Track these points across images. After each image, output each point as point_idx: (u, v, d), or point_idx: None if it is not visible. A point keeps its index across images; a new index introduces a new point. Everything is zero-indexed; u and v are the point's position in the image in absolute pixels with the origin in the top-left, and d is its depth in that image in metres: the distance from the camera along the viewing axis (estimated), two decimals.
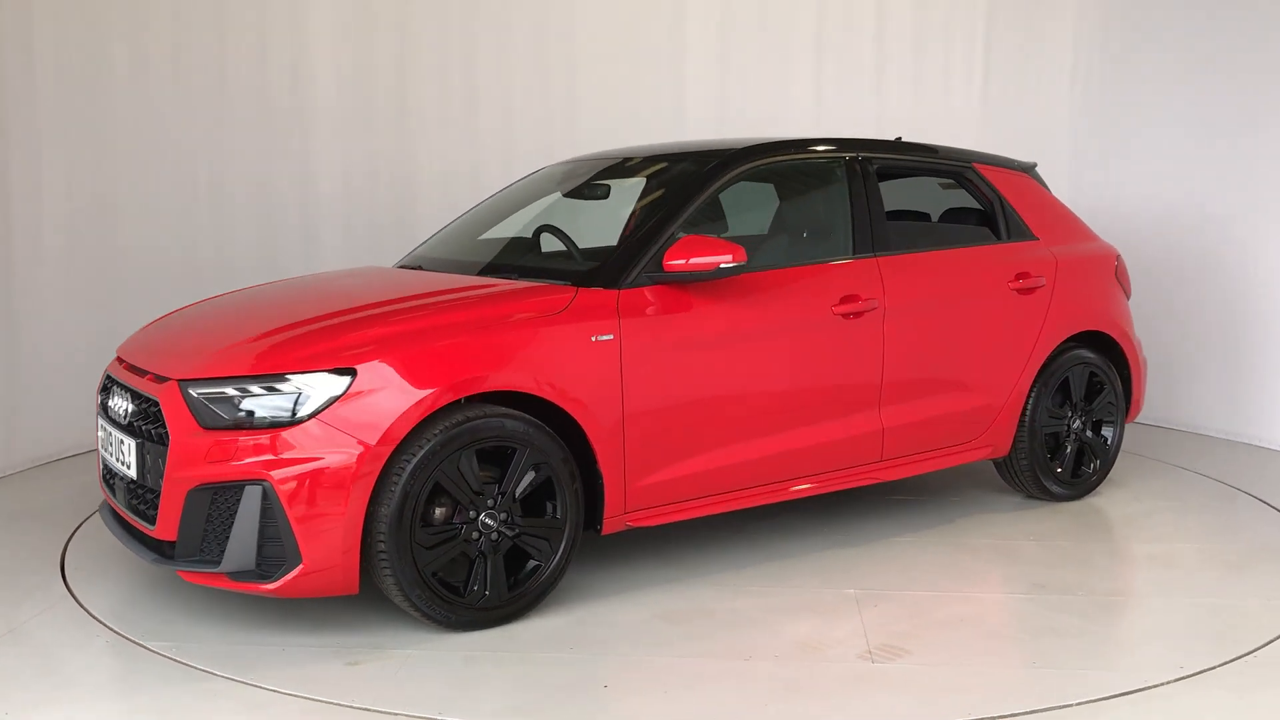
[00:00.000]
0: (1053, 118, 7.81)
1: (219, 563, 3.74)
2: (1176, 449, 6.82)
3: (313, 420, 3.69)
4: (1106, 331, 5.70)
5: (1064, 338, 5.50)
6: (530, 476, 4.02)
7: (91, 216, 6.55)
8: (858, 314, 4.77)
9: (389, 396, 3.76)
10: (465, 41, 7.63)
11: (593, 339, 4.14)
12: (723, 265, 4.30)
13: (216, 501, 3.72)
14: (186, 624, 4.04)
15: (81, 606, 4.22)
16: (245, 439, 3.68)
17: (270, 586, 3.71)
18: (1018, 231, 5.53)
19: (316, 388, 3.72)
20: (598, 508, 4.23)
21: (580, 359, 4.11)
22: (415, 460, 3.76)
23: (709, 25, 7.73)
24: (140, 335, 4.62)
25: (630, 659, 3.78)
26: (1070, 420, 5.56)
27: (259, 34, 7.18)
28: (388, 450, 3.73)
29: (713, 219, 5.12)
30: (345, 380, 3.74)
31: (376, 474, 3.72)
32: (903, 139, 5.92)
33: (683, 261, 4.27)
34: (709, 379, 4.41)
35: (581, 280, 4.31)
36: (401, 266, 5.21)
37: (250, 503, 3.66)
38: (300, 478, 3.65)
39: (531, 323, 4.08)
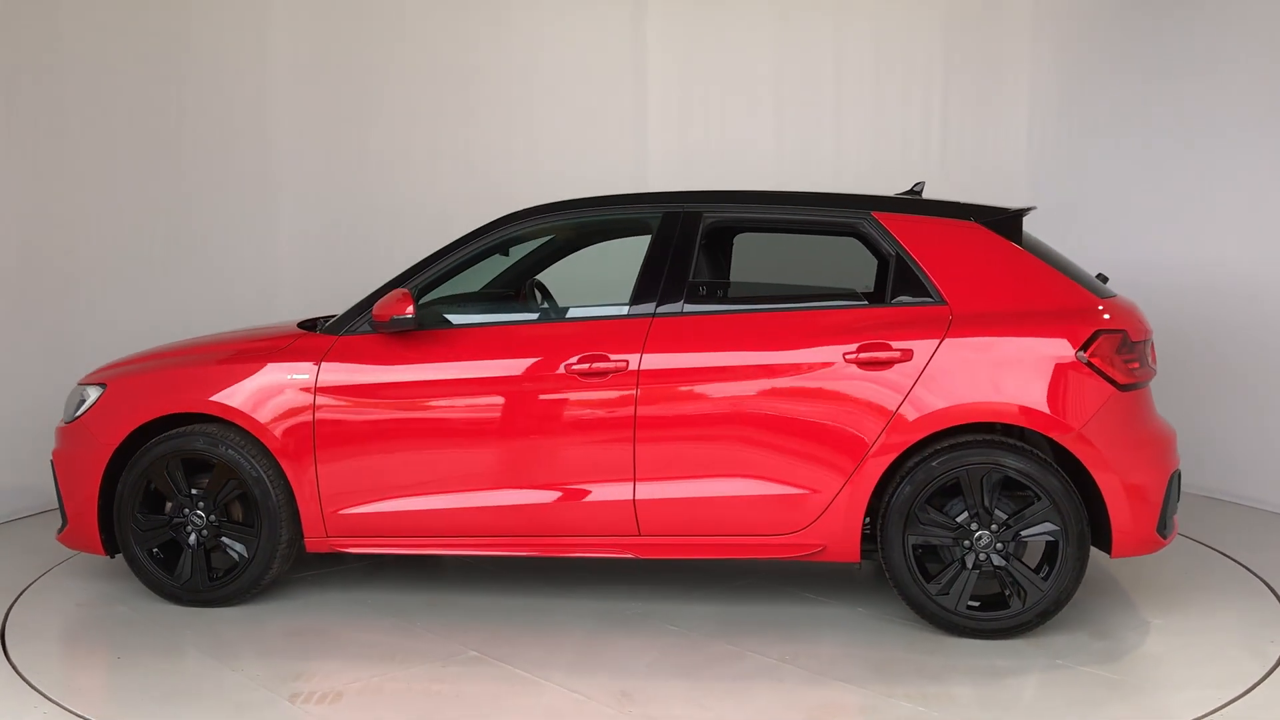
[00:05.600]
0: (1011, 158, 7.61)
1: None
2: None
3: (80, 418, 4.98)
4: (1032, 428, 4.35)
5: (943, 425, 4.38)
6: (231, 487, 4.80)
7: (46, 287, 6.51)
8: (601, 374, 4.55)
9: (119, 407, 4.89)
10: (429, 94, 7.70)
11: (289, 376, 4.76)
12: (395, 318, 4.59)
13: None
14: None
15: (20, 676, 4.12)
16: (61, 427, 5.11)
17: (59, 537, 5.07)
18: (912, 292, 4.53)
19: (90, 396, 5.00)
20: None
21: (276, 393, 4.75)
22: (135, 460, 4.82)
23: (670, 76, 7.47)
24: None
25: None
26: (968, 536, 4.37)
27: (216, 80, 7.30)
28: (110, 449, 4.86)
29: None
30: (96, 391, 4.96)
31: (104, 463, 4.86)
32: (920, 184, 5.17)
33: (379, 315, 4.65)
34: (409, 426, 4.68)
35: (323, 328, 4.91)
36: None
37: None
38: (62, 458, 4.97)
39: (244, 359, 4.86)
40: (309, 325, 5.01)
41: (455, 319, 4.94)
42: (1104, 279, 5.00)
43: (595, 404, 4.56)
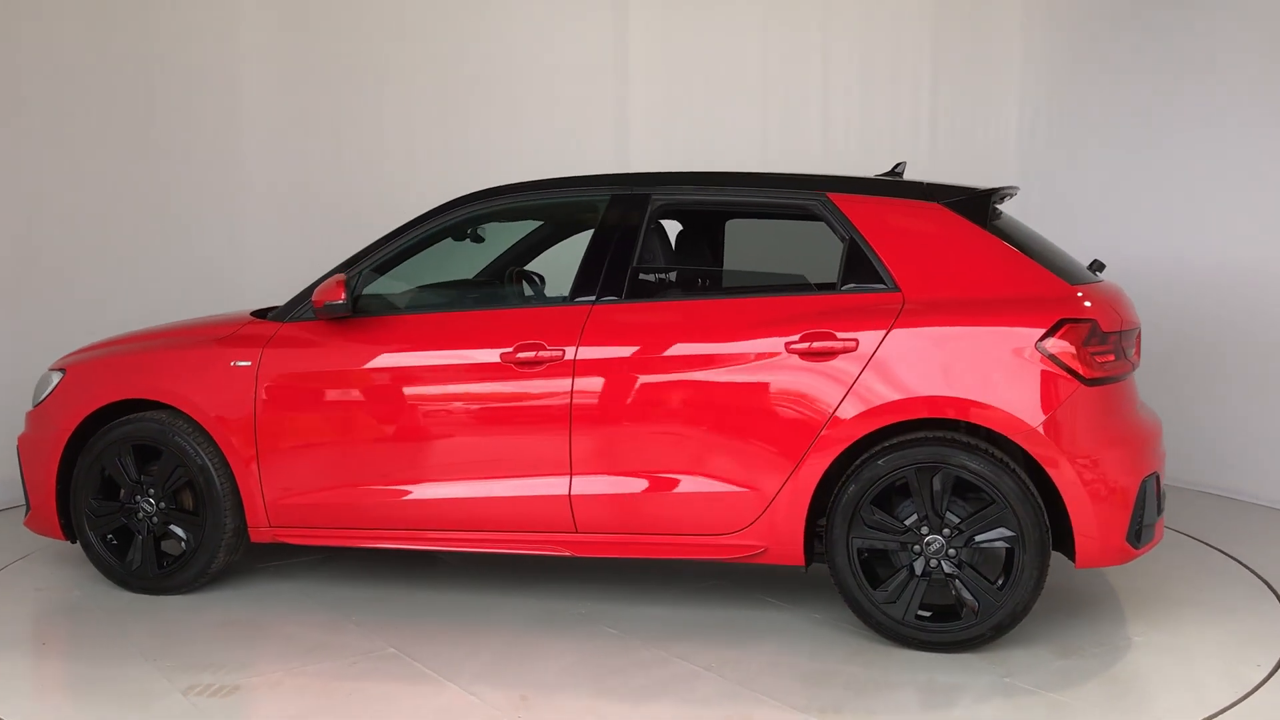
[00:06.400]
0: (1001, 146, 7.41)
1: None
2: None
3: (42, 404, 5.01)
4: (984, 424, 4.01)
5: (889, 420, 4.07)
6: (179, 475, 4.76)
7: (21, 275, 6.49)
8: (536, 364, 4.36)
9: (75, 393, 4.90)
10: (406, 85, 7.39)
11: (232, 364, 4.70)
12: (328, 304, 4.49)
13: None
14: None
15: None
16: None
17: (25, 522, 5.11)
18: (863, 278, 4.22)
19: (53, 381, 5.03)
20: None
21: (218, 380, 4.70)
22: (90, 446, 4.82)
23: (653, 65, 7.11)
24: None
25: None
26: (917, 541, 4.05)
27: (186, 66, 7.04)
28: (66, 434, 4.87)
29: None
30: (58, 376, 4.98)
31: (61, 449, 4.88)
32: (902, 165, 4.87)
33: (315, 301, 4.56)
34: (344, 416, 4.57)
35: (272, 315, 4.83)
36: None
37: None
38: (25, 443, 5.01)
39: (192, 346, 4.82)
40: (261, 314, 4.95)
41: (403, 304, 4.82)
42: (1099, 266, 4.61)
43: (531, 395, 4.37)
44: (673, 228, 5.25)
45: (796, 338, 4.16)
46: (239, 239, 7.23)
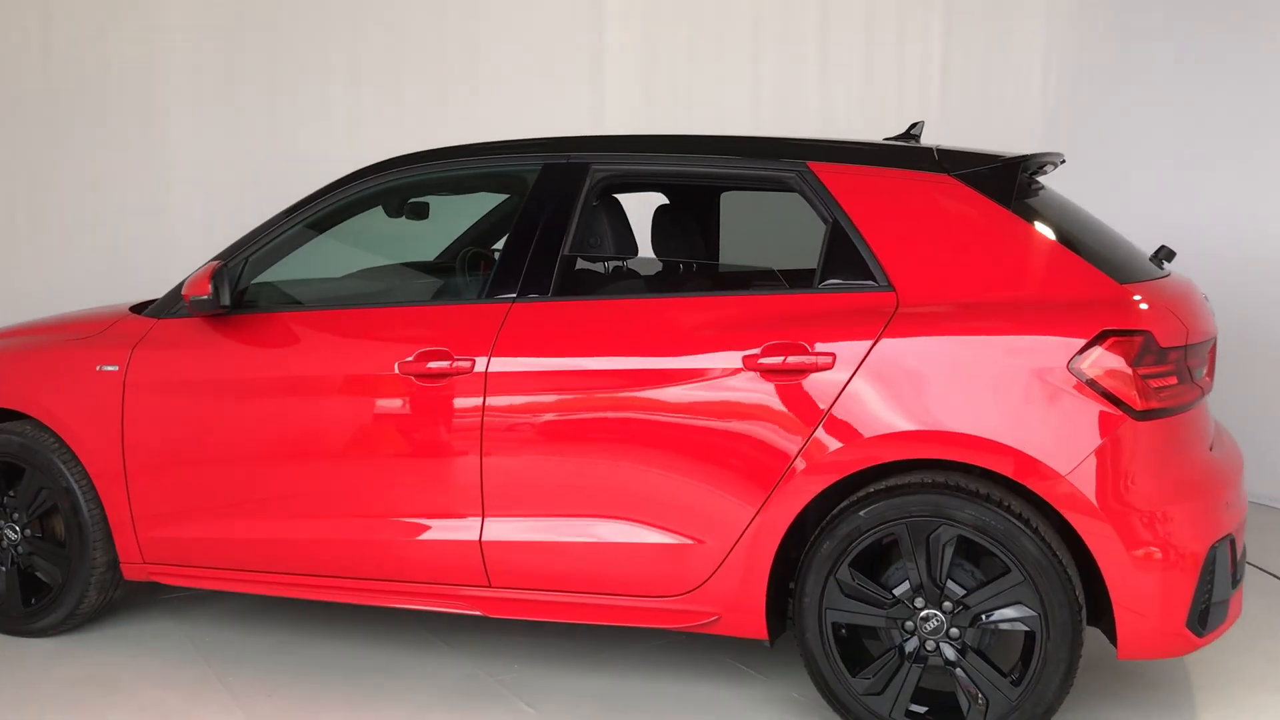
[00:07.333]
0: (1024, 106, 6.40)
1: None
2: None
3: None
4: (996, 470, 3.04)
5: (872, 461, 3.13)
6: (42, 498, 4.02)
7: None
8: (440, 377, 3.50)
9: None
10: (348, 42, 6.38)
11: (97, 368, 3.93)
12: (195, 299, 3.69)
13: None
14: None
15: None
16: None
17: None
18: (848, 272, 3.27)
19: None
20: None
21: (82, 387, 3.94)
22: None
23: (630, 15, 6.16)
24: None
25: None
26: (909, 616, 3.12)
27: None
28: None
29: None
30: None
31: None
32: (919, 125, 3.91)
33: (185, 294, 3.76)
34: (222, 434, 3.77)
35: (148, 310, 4.05)
36: None
37: None
38: None
39: (58, 347, 4.06)
40: (141, 308, 4.16)
41: (304, 297, 4.01)
42: (1166, 255, 3.58)
43: (432, 415, 3.52)
44: (652, 204, 4.36)
45: (758, 350, 3.23)
46: (164, 223, 6.35)
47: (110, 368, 3.90)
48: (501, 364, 3.44)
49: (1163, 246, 3.62)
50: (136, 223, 6.23)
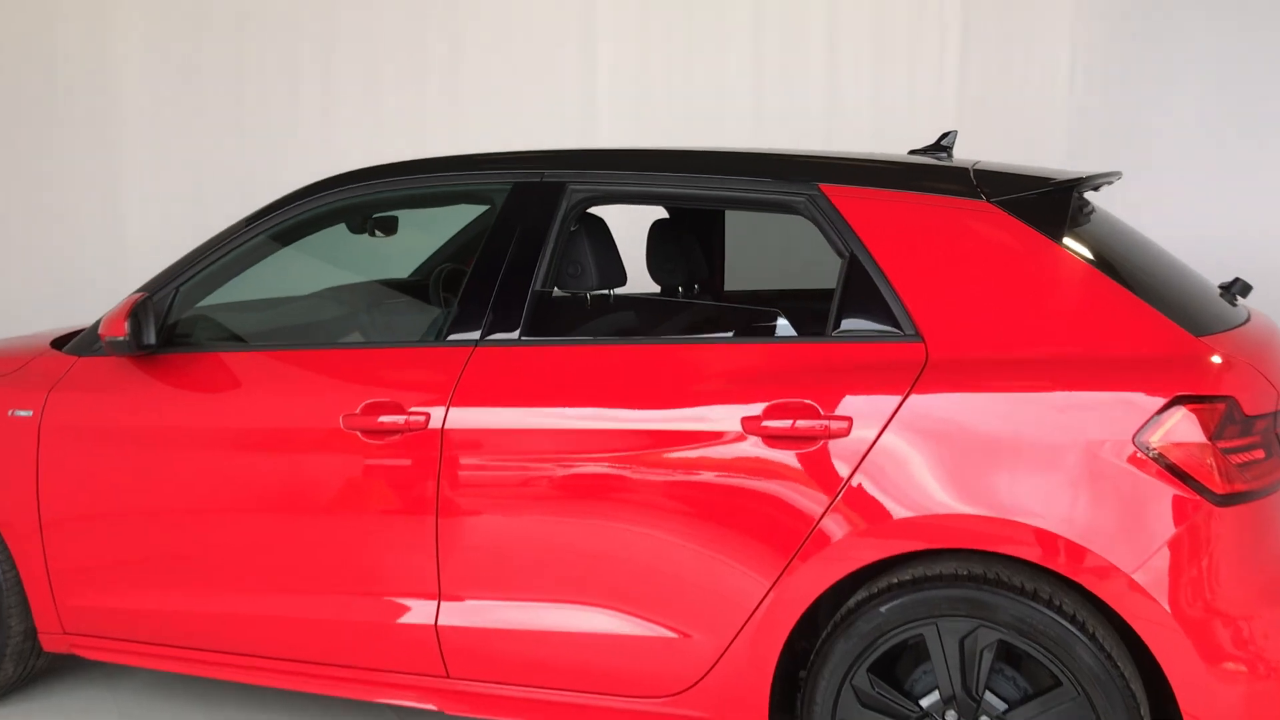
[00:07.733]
0: (1048, 105, 5.68)
1: None
2: None
3: None
4: (1045, 565, 2.52)
5: (897, 549, 2.61)
6: None
7: None
8: (389, 433, 3.00)
9: None
10: (323, 45, 5.90)
11: (9, 413, 3.45)
12: (110, 339, 3.20)
13: None
14: None
15: None
16: None
17: None
18: (868, 315, 2.75)
19: None
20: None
21: None
22: None
23: (624, 18, 5.70)
24: None
25: None
26: None
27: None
28: None
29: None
30: None
31: None
32: (952, 135, 3.38)
33: (101, 332, 3.27)
34: (142, 493, 3.29)
35: (69, 346, 3.56)
36: None
37: None
38: None
39: None
40: (63, 341, 3.67)
41: (241, 330, 3.52)
42: (1241, 290, 3.05)
43: (381, 478, 3.03)
44: (649, 217, 3.86)
45: (759, 410, 2.71)
46: (118, 230, 5.88)
47: (23, 413, 3.42)
48: (461, 418, 2.94)
49: (1237, 279, 3.08)
50: (88, 229, 5.82)
